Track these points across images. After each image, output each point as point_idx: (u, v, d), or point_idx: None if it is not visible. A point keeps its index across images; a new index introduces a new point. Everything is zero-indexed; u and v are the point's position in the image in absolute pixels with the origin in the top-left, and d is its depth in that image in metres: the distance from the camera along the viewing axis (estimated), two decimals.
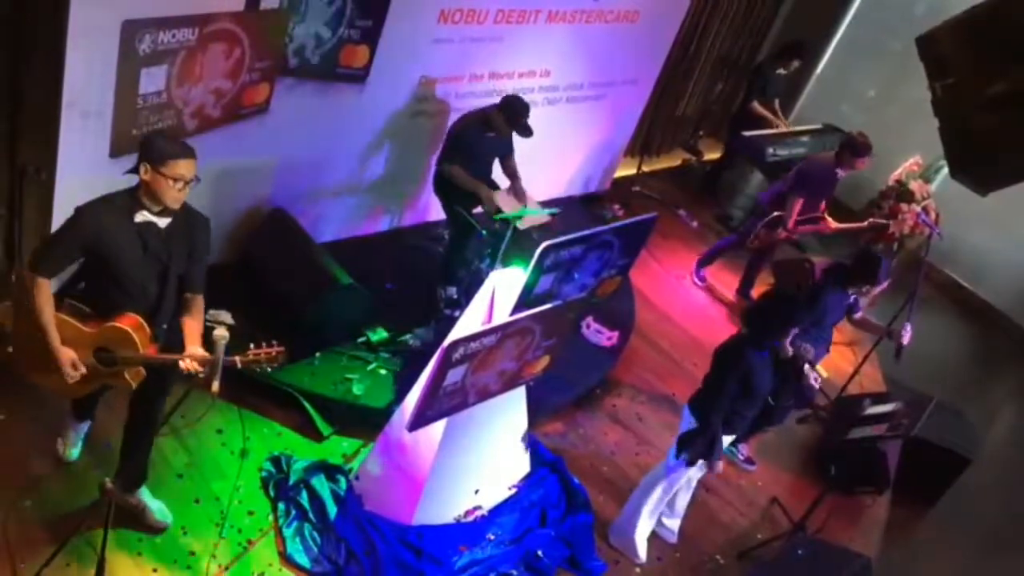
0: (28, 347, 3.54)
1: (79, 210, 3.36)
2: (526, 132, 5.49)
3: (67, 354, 3.46)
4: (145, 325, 3.51)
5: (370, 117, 5.66)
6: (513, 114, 5.41)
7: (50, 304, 3.42)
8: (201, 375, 3.45)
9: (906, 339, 5.53)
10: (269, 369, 3.55)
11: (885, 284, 5.45)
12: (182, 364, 3.43)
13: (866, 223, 6.99)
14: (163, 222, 3.43)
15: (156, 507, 4.14)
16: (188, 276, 3.60)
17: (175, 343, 3.59)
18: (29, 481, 4.09)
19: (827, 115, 9.05)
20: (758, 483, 5.73)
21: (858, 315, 5.60)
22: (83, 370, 3.50)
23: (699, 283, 7.47)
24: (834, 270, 5.51)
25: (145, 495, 4.11)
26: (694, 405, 4.55)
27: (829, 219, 6.73)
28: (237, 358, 3.47)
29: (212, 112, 4.74)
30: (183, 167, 3.31)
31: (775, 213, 6.61)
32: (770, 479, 5.79)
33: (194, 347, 3.49)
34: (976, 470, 6.11)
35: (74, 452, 4.20)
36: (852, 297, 5.46)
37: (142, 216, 3.39)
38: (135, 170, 3.36)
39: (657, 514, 4.87)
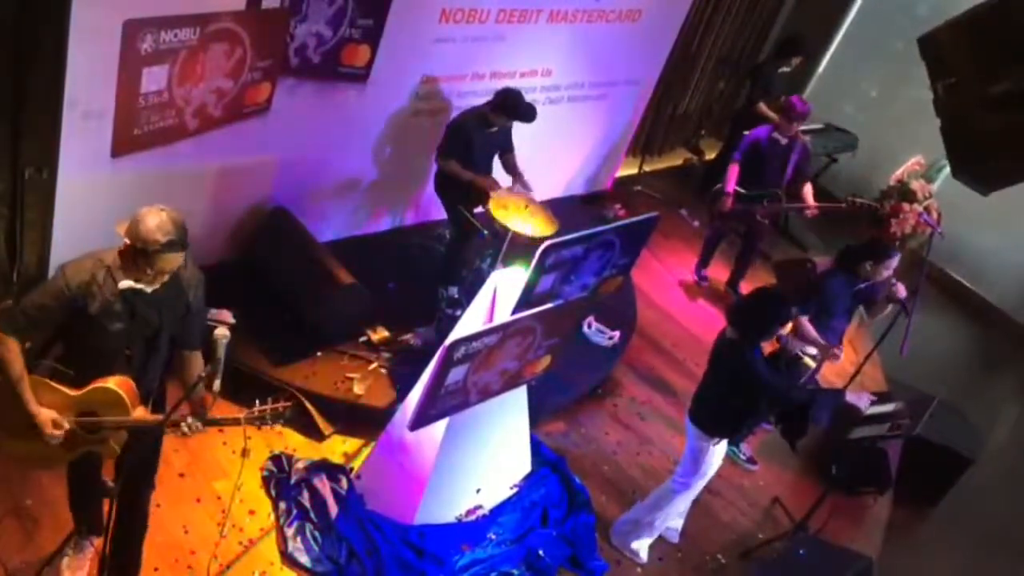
0: (3, 415, 3.23)
1: (64, 268, 3.12)
2: (528, 117, 5.49)
3: (46, 414, 3.16)
4: (135, 388, 3.26)
5: (371, 116, 5.66)
6: (509, 104, 5.41)
7: (20, 362, 3.12)
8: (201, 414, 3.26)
9: (901, 293, 5.44)
10: (274, 425, 3.38)
11: (894, 266, 5.33)
12: (185, 426, 3.22)
13: (843, 204, 6.97)
14: (150, 288, 3.18)
15: None
16: (183, 336, 3.38)
17: (162, 404, 3.45)
18: (29, 480, 4.09)
19: (829, 115, 9.04)
20: (760, 483, 5.73)
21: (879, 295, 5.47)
22: (66, 426, 3.19)
23: (704, 284, 7.48)
24: (840, 255, 5.44)
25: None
26: (699, 418, 4.54)
27: (812, 203, 6.76)
28: (241, 417, 3.29)
29: (214, 111, 4.74)
30: (166, 261, 3.07)
31: (716, 186, 6.70)
32: (772, 479, 5.79)
33: (192, 421, 3.27)
34: (978, 470, 6.11)
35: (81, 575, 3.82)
36: (862, 283, 5.34)
37: (127, 284, 3.13)
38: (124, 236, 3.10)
39: (664, 527, 4.89)
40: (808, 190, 6.81)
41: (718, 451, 4.62)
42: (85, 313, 3.12)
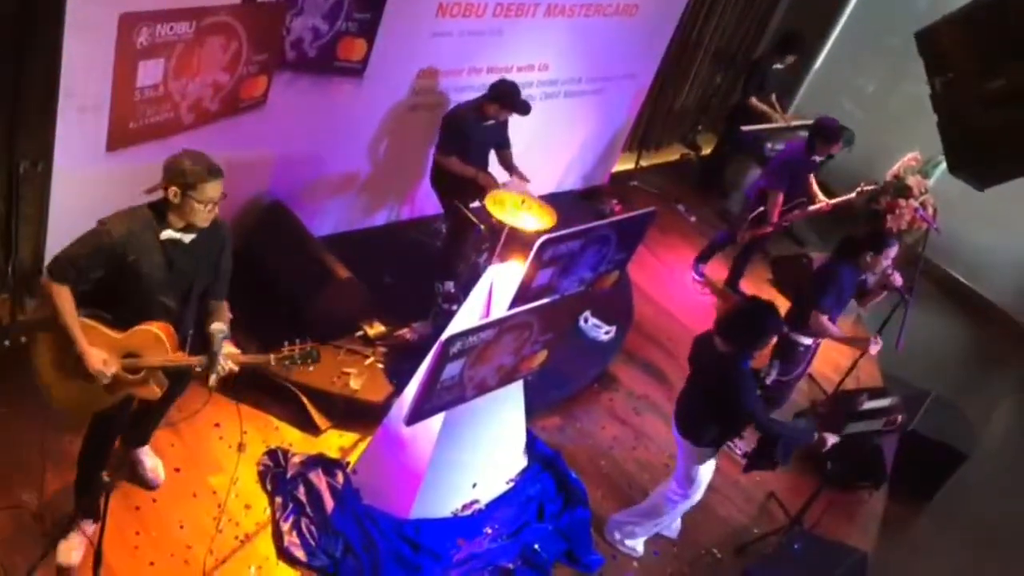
0: (54, 358, 3.48)
1: (103, 223, 3.30)
2: (524, 109, 5.49)
3: (97, 354, 3.38)
4: (174, 332, 3.48)
5: (368, 111, 5.65)
6: (504, 95, 5.40)
7: (72, 307, 3.34)
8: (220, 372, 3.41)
9: (898, 282, 5.43)
10: (308, 367, 3.54)
11: (893, 255, 5.29)
12: (220, 365, 3.40)
13: (854, 193, 6.94)
14: (188, 238, 3.41)
15: (151, 464, 4.27)
16: (212, 286, 3.61)
17: (196, 350, 3.58)
18: (26, 474, 4.09)
19: (826, 110, 8.98)
20: (756, 478, 5.73)
21: (870, 284, 5.48)
22: (115, 368, 3.42)
23: (698, 279, 7.47)
24: (843, 246, 5.41)
25: (143, 452, 4.25)
26: (685, 429, 4.51)
27: (823, 199, 6.75)
28: (271, 356, 3.47)
29: (210, 105, 4.73)
30: (212, 189, 3.31)
31: (759, 209, 6.64)
32: (767, 474, 5.78)
33: (229, 348, 3.48)
34: (973, 465, 6.13)
35: (76, 556, 3.86)
36: (864, 275, 5.36)
37: (167, 234, 3.36)
38: (159, 189, 3.33)
39: (660, 529, 4.91)
40: (814, 185, 6.83)
41: (711, 462, 4.61)
42: (126, 263, 3.30)
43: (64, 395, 3.56)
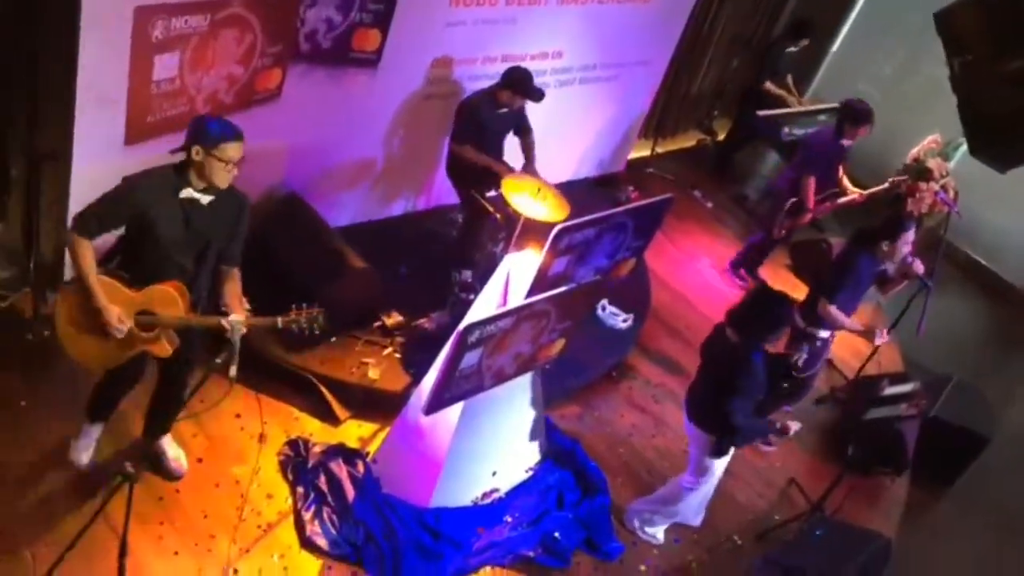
0: (72, 313, 3.59)
1: (127, 179, 3.45)
2: (537, 95, 5.46)
3: (114, 309, 3.50)
4: (188, 291, 3.59)
5: (383, 101, 5.65)
6: (517, 82, 5.38)
7: (92, 262, 3.48)
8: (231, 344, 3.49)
9: (919, 269, 5.34)
10: (313, 331, 3.61)
11: (911, 239, 5.20)
12: (228, 321, 3.49)
13: (887, 183, 6.88)
14: (206, 199, 3.51)
15: (173, 454, 4.33)
16: (226, 251, 3.70)
17: (209, 313, 3.70)
18: (50, 465, 4.14)
19: (843, 93, 8.87)
20: (776, 464, 5.72)
21: (890, 272, 5.38)
22: (129, 323, 3.53)
23: (742, 282, 7.27)
24: (858, 235, 5.34)
25: (166, 442, 4.32)
26: (696, 417, 4.51)
27: (855, 190, 6.67)
28: (278, 319, 3.56)
29: (225, 98, 4.75)
30: (233, 149, 3.42)
31: (792, 200, 6.55)
32: (788, 460, 5.78)
33: (236, 317, 3.57)
34: (995, 450, 6.08)
35: (85, 457, 4.17)
36: (882, 264, 5.27)
37: (187, 193, 3.47)
38: (182, 150, 3.43)
39: (679, 516, 4.90)
40: (844, 175, 6.76)
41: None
42: (146, 220, 3.43)
43: (79, 349, 3.69)
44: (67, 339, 3.68)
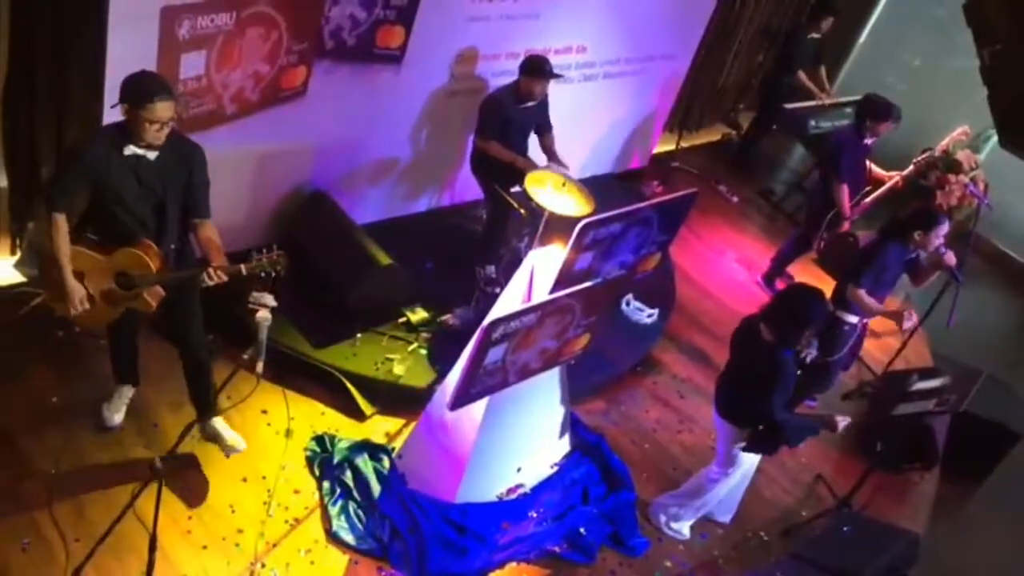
0: (55, 286, 3.74)
1: (72, 147, 3.58)
2: (553, 74, 5.47)
3: (78, 290, 3.66)
4: (155, 248, 3.66)
5: (407, 98, 5.66)
6: (535, 68, 5.38)
7: (66, 241, 3.60)
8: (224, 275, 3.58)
9: (951, 261, 5.26)
10: (273, 273, 3.61)
11: (944, 232, 5.13)
12: (206, 275, 3.57)
13: (912, 165, 6.74)
14: (152, 155, 3.56)
15: (228, 434, 4.47)
16: (192, 203, 3.74)
17: (187, 265, 3.87)
18: (81, 462, 4.20)
19: (870, 85, 8.79)
20: (803, 460, 5.68)
21: (923, 261, 5.28)
22: (87, 306, 3.70)
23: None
24: (890, 225, 5.28)
25: (219, 425, 4.46)
26: (725, 410, 4.48)
27: (891, 175, 6.57)
28: (242, 266, 3.57)
29: (251, 96, 4.78)
30: (159, 110, 3.41)
31: (832, 211, 6.41)
32: (815, 456, 5.74)
33: (218, 259, 3.64)
34: None
35: (117, 417, 4.37)
36: (913, 253, 5.20)
37: (130, 150, 3.52)
38: (116, 106, 3.48)
39: (707, 510, 4.88)
40: (874, 168, 6.66)
41: None
42: (101, 181, 3.52)
43: (74, 317, 3.82)
44: (55, 304, 3.84)
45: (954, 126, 7.30)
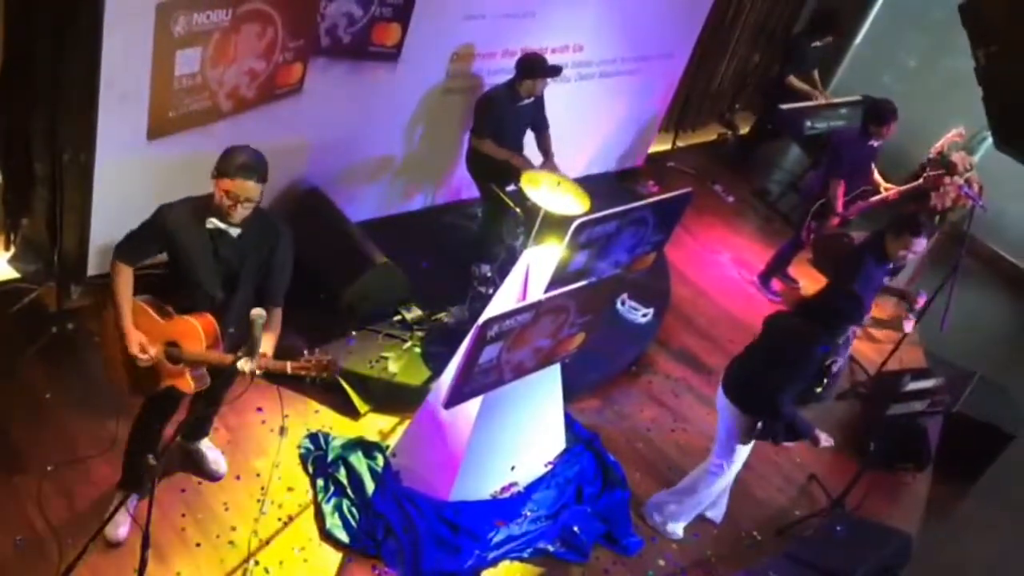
0: (111, 334, 3.65)
1: (160, 207, 3.47)
2: (554, 72, 5.46)
3: (137, 335, 3.52)
4: (215, 325, 3.52)
5: (403, 95, 5.65)
6: (532, 67, 5.38)
7: (127, 287, 3.52)
8: (255, 372, 3.38)
9: (920, 303, 5.34)
10: (318, 381, 3.46)
11: (920, 249, 5.19)
12: (240, 364, 3.35)
13: (921, 179, 6.76)
14: (234, 231, 3.47)
15: (212, 456, 4.37)
16: (264, 288, 3.61)
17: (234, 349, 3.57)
18: (73, 459, 4.18)
19: (867, 86, 8.85)
20: (796, 459, 5.69)
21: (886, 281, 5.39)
22: (151, 353, 3.53)
23: (775, 299, 7.06)
24: (872, 241, 5.34)
25: (204, 445, 4.36)
26: (732, 390, 4.50)
27: (888, 186, 6.58)
28: (289, 364, 3.40)
29: (246, 93, 4.77)
30: (239, 187, 3.33)
31: (820, 201, 6.45)
32: (808, 456, 5.74)
33: (268, 347, 3.47)
34: (1020, 446, 6.01)
35: (123, 531, 3.94)
36: (890, 265, 5.26)
37: (213, 223, 3.44)
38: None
39: (700, 509, 4.88)
40: (877, 175, 6.67)
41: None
42: (177, 246, 3.47)
43: (112, 373, 3.77)
44: (107, 362, 3.77)
45: (950, 127, 7.32)
